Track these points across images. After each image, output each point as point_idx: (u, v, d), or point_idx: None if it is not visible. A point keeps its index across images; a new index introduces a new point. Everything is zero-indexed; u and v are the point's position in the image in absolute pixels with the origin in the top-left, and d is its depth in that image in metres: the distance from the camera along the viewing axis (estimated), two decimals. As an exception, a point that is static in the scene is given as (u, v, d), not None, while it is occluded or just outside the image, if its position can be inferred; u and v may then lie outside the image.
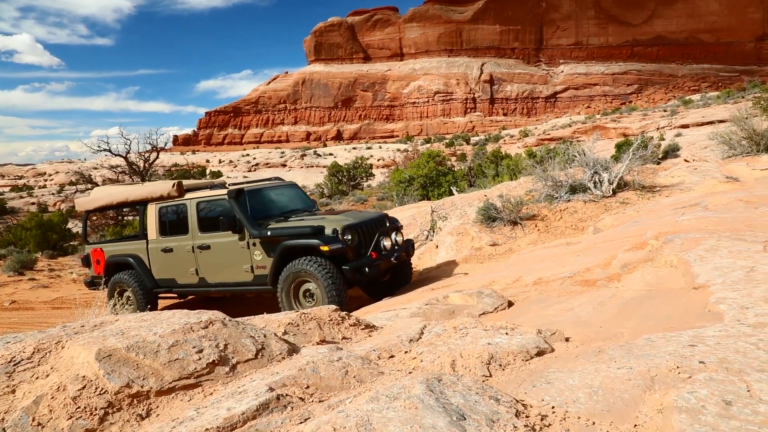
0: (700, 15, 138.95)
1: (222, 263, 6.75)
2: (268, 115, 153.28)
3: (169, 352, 1.70)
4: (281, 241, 6.24)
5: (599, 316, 2.86)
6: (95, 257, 8.03)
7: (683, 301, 2.84)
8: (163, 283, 7.42)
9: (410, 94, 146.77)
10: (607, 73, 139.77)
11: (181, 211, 7.14)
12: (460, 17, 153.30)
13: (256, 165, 79.52)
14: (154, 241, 7.38)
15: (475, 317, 3.60)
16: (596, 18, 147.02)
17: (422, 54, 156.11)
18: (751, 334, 2.11)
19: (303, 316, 2.42)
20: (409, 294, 5.43)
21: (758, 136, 13.63)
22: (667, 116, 54.49)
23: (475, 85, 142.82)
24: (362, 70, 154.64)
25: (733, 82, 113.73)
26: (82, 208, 8.44)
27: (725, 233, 4.08)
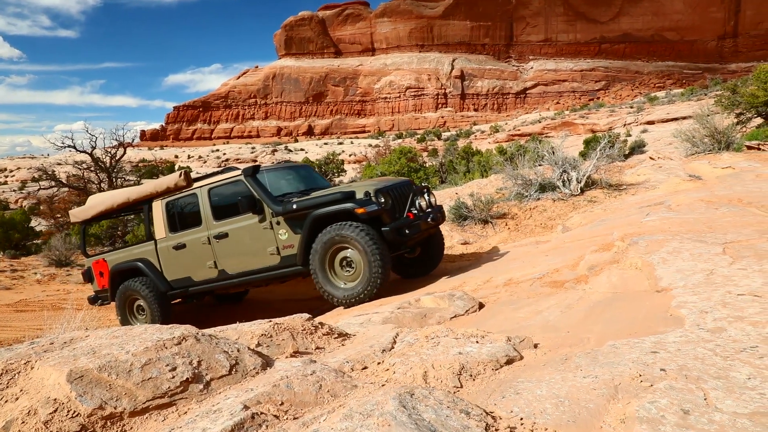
0: (665, 13, 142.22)
1: (243, 250, 6.19)
2: (238, 110, 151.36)
3: (142, 371, 1.69)
4: (310, 212, 5.68)
5: (567, 320, 2.94)
6: (98, 270, 7.41)
7: (647, 305, 2.94)
8: (177, 284, 6.78)
9: (382, 89, 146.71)
10: (575, 70, 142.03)
11: (192, 201, 6.58)
12: (431, 12, 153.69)
13: (226, 160, 78.47)
14: (163, 240, 6.80)
15: (446, 321, 3.66)
16: (565, 15, 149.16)
17: (393, 49, 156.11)
18: (710, 339, 2.20)
19: (276, 326, 2.42)
20: (381, 296, 5.46)
21: (719, 134, 14.07)
22: (634, 113, 55.73)
23: (446, 80, 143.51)
24: (333, 65, 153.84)
25: (697, 80, 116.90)
26: (79, 218, 7.73)
27: (687, 235, 4.22)
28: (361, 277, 5.45)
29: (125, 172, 27.00)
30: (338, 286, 5.58)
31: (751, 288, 2.83)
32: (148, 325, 2.03)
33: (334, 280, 5.63)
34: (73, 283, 12.47)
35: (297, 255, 5.83)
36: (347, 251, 5.56)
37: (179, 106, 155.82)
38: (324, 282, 5.60)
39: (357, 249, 5.42)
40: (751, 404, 1.61)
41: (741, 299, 2.67)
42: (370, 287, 5.34)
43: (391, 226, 5.54)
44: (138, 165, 49.40)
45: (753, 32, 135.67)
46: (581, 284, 3.89)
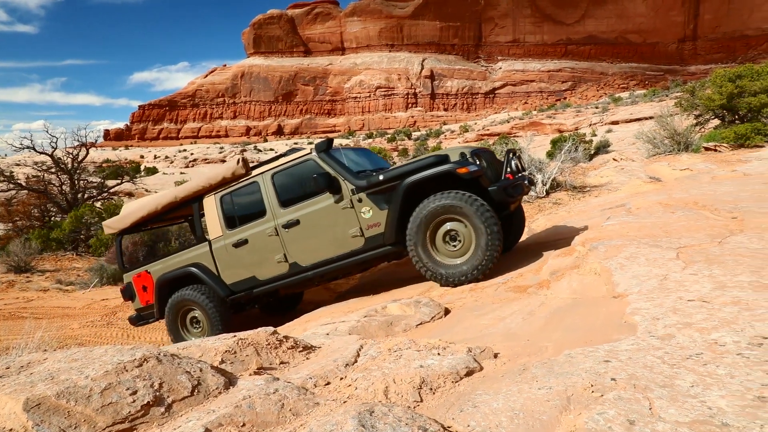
0: (628, 16, 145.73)
1: (319, 236, 5.53)
2: (206, 109, 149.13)
3: (102, 396, 1.69)
4: (401, 181, 5.06)
5: (528, 328, 3.02)
6: (140, 284, 6.66)
7: (604, 311, 3.04)
8: (239, 287, 6.07)
9: (352, 88, 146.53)
10: (543, 70, 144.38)
11: (252, 191, 5.92)
12: (401, 12, 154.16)
13: (194, 160, 77.31)
14: (219, 239, 6.09)
15: (412, 329, 3.71)
16: (532, 16, 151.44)
17: (363, 48, 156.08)
18: (659, 347, 2.30)
19: (240, 342, 2.43)
20: (349, 302, 5.49)
21: (679, 135, 14.53)
22: (599, 113, 57.01)
23: (416, 80, 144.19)
24: (303, 63, 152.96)
25: (659, 81, 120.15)
26: (115, 228, 6.95)
27: (644, 240, 4.37)
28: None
29: (88, 173, 26.34)
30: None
31: (700, 293, 2.96)
32: (108, 347, 2.02)
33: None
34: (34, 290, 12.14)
35: (385, 234, 5.23)
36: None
37: (145, 105, 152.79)
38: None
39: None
40: (692, 412, 1.70)
41: (690, 305, 2.79)
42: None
43: (499, 185, 5.02)
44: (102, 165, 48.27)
45: (711, 36, 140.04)
46: (543, 289, 3.99)
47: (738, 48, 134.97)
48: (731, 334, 2.33)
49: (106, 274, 12.96)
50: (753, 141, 12.55)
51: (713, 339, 2.31)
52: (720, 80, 14.33)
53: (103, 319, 8.54)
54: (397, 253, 5.47)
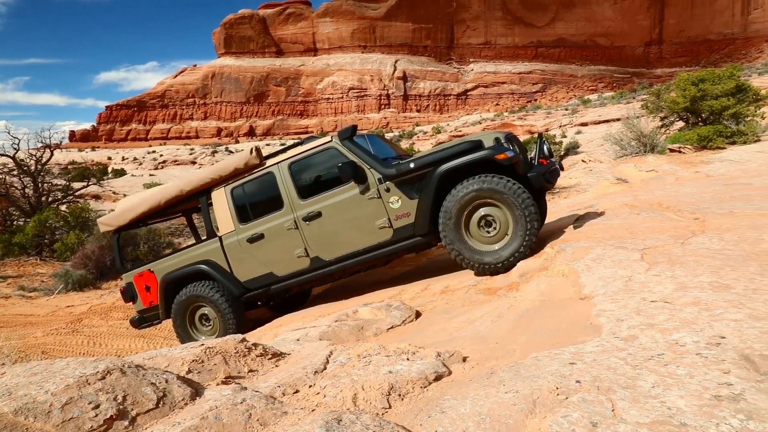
0: (596, 20, 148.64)
1: (344, 229, 5.27)
2: (176, 110, 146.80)
3: (63, 411, 1.64)
4: (434, 169, 4.85)
5: (496, 331, 3.06)
6: (143, 284, 6.29)
7: (570, 313, 3.10)
8: (255, 284, 5.72)
9: (324, 89, 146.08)
10: (514, 72, 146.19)
11: (267, 182, 5.58)
12: (374, 14, 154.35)
13: (164, 162, 75.99)
14: (231, 234, 5.74)
15: (383, 333, 3.72)
16: (503, 19, 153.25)
17: (336, 49, 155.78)
18: (623, 348, 2.36)
19: (208, 351, 2.40)
20: (321, 306, 5.47)
21: (645, 137, 14.86)
22: (569, 114, 57.95)
23: (389, 81, 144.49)
24: (275, 64, 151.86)
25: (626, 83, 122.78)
26: (111, 225, 6.52)
27: (610, 241, 4.46)
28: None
29: (53, 176, 25.64)
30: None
31: (663, 294, 3.04)
32: (70, 359, 1.96)
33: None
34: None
35: (416, 224, 5.03)
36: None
37: (112, 105, 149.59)
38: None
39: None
40: (652, 413, 1.74)
41: (653, 306, 2.86)
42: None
43: (538, 171, 4.90)
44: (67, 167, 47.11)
45: (675, 40, 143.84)
46: (513, 291, 4.04)
47: (701, 52, 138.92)
48: (691, 335, 2.40)
49: (71, 280, 12.63)
50: (715, 143, 12.91)
51: (674, 339, 2.37)
52: (684, 84, 14.72)
53: (68, 326, 8.33)
54: (427, 244, 5.31)
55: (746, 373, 1.99)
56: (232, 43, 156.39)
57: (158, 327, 7.77)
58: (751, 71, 42.34)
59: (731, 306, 2.69)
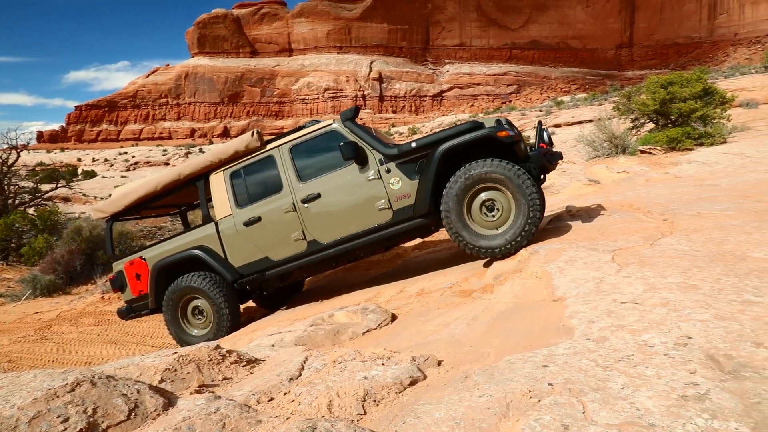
0: (569, 23, 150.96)
1: (343, 211, 5.21)
2: (148, 110, 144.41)
3: (30, 426, 1.60)
4: (435, 148, 4.85)
5: (471, 334, 3.08)
6: (133, 272, 6.07)
7: (543, 315, 3.14)
8: (249, 270, 5.60)
9: (300, 90, 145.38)
10: (488, 74, 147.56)
11: (267, 165, 5.54)
12: (349, 14, 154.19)
13: (136, 163, 74.76)
14: (227, 219, 5.63)
15: (359, 336, 3.72)
16: (478, 21, 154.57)
17: (311, 50, 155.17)
18: (594, 349, 2.40)
19: (181, 359, 2.37)
20: (296, 309, 5.44)
21: (617, 138, 15.15)
22: (543, 116, 58.70)
23: (364, 82, 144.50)
24: (249, 64, 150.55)
25: (598, 85, 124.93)
26: (106, 212, 6.28)
27: (582, 243, 4.54)
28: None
29: (20, 178, 25.01)
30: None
31: (633, 295, 3.10)
32: (38, 371, 1.91)
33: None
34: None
35: (416, 206, 5.00)
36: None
37: (82, 105, 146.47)
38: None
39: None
40: (622, 414, 1.78)
41: (624, 307, 2.92)
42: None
43: (539, 152, 4.92)
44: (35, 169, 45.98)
45: (646, 43, 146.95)
46: (487, 294, 4.08)
47: (670, 55, 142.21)
48: (660, 335, 2.46)
49: (39, 285, 12.33)
50: (683, 144, 13.24)
51: (644, 340, 2.42)
52: (653, 87, 15.05)
53: (36, 333, 8.12)
54: (427, 227, 5.28)
55: (711, 372, 2.04)
56: (205, 42, 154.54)
57: (130, 332, 7.64)
58: (717, 74, 43.48)
59: (698, 306, 2.76)
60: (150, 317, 8.32)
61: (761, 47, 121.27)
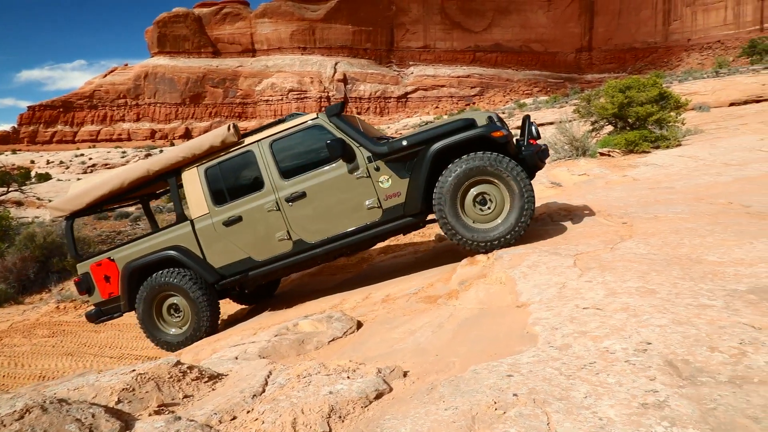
0: (531, 26, 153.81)
1: (330, 210, 5.08)
2: (106, 111, 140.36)
3: (-27, 458, 1.52)
4: (427, 146, 4.80)
5: (437, 342, 3.08)
6: (101, 274, 5.75)
7: (508, 321, 3.17)
8: (231, 270, 5.39)
9: (263, 91, 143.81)
10: (452, 76, 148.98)
11: (246, 161, 5.31)
12: (313, 15, 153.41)
13: (93, 166, 72.63)
14: (204, 218, 5.38)
15: (325, 345, 3.68)
16: (442, 24, 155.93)
17: (275, 51, 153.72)
18: (557, 357, 2.43)
19: (139, 377, 2.29)
20: (261, 317, 5.35)
21: (577, 141, 15.47)
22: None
23: (329, 83, 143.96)
24: (212, 65, 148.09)
25: (559, 88, 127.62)
26: (64, 210, 5.91)
27: (545, 247, 4.60)
28: (506, 215, 4.71)
29: (-30, 182, 23.95)
30: (477, 228, 4.75)
31: (594, 301, 3.16)
32: (-17, 397, 1.81)
33: (470, 222, 4.78)
34: None
35: (406, 204, 4.94)
36: (481, 186, 4.74)
37: (35, 105, 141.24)
38: (459, 225, 4.73)
39: (501, 182, 4.64)
40: (585, 424, 1.80)
41: (585, 313, 2.97)
42: (520, 226, 4.66)
43: (531, 150, 4.93)
44: (-15, 172, 44.07)
45: (604, 47, 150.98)
46: (452, 300, 4.09)
47: (627, 59, 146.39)
48: (620, 342, 2.51)
49: (-10, 294, 11.81)
50: (641, 147, 13.62)
51: (605, 347, 2.47)
52: (612, 91, 15.44)
53: (-14, 345, 7.78)
54: (415, 225, 5.24)
55: (670, 378, 2.09)
56: (166, 42, 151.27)
57: (87, 343, 7.40)
58: (672, 78, 44.96)
59: (656, 311, 2.83)
60: (109, 326, 8.08)
61: (712, 53, 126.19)
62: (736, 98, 28.64)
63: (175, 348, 5.49)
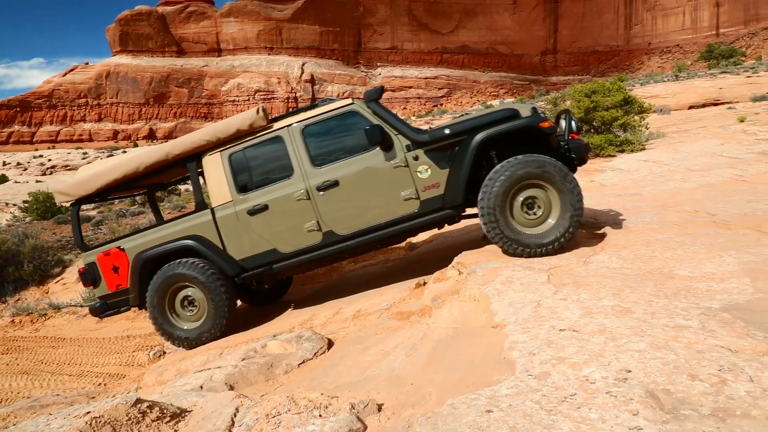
0: (497, 29, 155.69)
1: (364, 201, 4.85)
2: (66, 111, 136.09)
3: None
4: (471, 136, 4.59)
5: (411, 367, 2.98)
6: (109, 264, 5.34)
7: (483, 344, 3.08)
8: (253, 263, 5.08)
9: (229, 91, 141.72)
10: (420, 77, 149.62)
11: (274, 147, 5.03)
12: (280, 15, 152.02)
13: (53, 167, 70.35)
14: (227, 206, 5.07)
15: (294, 369, 3.54)
16: (409, 25, 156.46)
17: (241, 51, 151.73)
18: (537, 388, 2.35)
19: (94, 421, 2.11)
20: (229, 337, 5.15)
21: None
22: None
23: (296, 84, 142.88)
24: (176, 64, 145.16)
25: (525, 90, 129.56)
26: (71, 195, 5.50)
27: (519, 261, 4.53)
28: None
29: None
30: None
31: (570, 321, 3.10)
32: None
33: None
34: None
35: (445, 196, 4.75)
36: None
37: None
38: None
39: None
40: (571, 471, 1.72)
41: (563, 336, 2.91)
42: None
43: (578, 144, 4.80)
44: (-63, 175, 42.24)
45: (568, 50, 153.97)
46: (425, 318, 4.00)
47: (591, 62, 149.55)
48: (600, 369, 2.45)
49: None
50: (606, 151, 13.85)
51: (585, 376, 2.40)
52: (578, 95, 15.67)
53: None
54: (452, 218, 5.02)
55: (653, 413, 2.03)
56: (128, 40, 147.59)
57: (44, 360, 7.05)
58: (634, 81, 46.03)
59: (634, 334, 2.79)
60: (69, 341, 7.74)
61: (671, 56, 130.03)
62: (695, 101, 29.53)
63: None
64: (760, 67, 41.21)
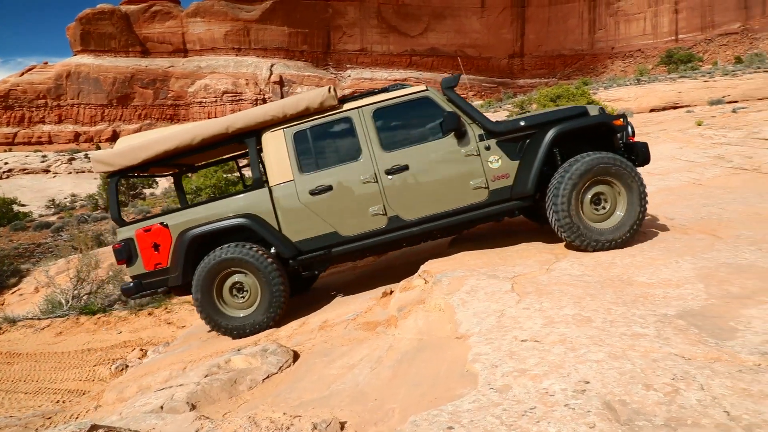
0: (465, 32, 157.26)
1: (433, 187, 4.85)
2: (23, 112, 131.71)
3: None
4: (545, 130, 4.70)
5: (376, 381, 2.98)
6: (148, 242, 4.99)
7: (448, 357, 3.10)
8: (311, 245, 4.91)
9: (196, 93, 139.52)
10: (390, 79, 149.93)
11: (343, 128, 4.98)
12: (248, 16, 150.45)
13: (9, 171, 68.03)
14: (287, 185, 4.90)
15: (259, 384, 3.50)
16: (379, 27, 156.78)
17: (208, 51, 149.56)
18: (498, 402, 2.37)
19: (44, 451, 2.05)
20: (191, 348, 5.06)
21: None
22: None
23: (265, 85, 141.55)
24: (140, 65, 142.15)
25: (493, 93, 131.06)
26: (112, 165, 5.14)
27: (483, 269, 4.59)
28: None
29: None
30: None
31: (532, 332, 3.15)
32: None
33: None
34: None
35: (513, 187, 4.81)
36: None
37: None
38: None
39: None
40: (528, 489, 1.74)
41: (524, 347, 2.94)
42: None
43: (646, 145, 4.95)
44: None
45: (535, 53, 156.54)
46: (391, 328, 4.00)
47: (557, 65, 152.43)
48: (559, 381, 2.49)
49: None
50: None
51: (545, 388, 2.44)
52: (544, 99, 15.98)
53: None
54: (513, 211, 5.06)
55: (609, 425, 2.07)
56: (90, 40, 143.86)
57: (13, 375, 6.79)
58: (598, 85, 47.12)
59: (593, 344, 2.84)
60: (24, 356, 7.48)
61: (633, 61, 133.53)
62: (656, 104, 30.39)
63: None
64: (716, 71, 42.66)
